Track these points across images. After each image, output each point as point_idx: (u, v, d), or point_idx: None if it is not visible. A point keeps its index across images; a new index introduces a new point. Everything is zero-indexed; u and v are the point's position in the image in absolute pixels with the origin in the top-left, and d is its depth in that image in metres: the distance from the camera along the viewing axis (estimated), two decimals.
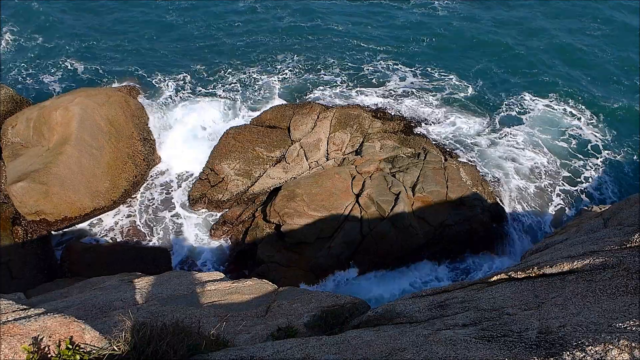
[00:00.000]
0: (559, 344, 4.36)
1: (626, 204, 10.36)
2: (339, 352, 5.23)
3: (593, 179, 28.13)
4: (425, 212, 22.91)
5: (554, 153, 29.48)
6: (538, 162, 28.90)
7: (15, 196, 22.81)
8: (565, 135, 30.90)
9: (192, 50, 38.51)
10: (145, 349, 4.85)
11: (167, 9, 44.12)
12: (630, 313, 4.77)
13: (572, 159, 29.24)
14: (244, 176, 26.49)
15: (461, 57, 38.41)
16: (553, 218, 25.94)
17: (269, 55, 37.89)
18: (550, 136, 30.72)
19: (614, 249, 6.81)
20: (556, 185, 27.62)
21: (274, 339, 7.72)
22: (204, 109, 32.05)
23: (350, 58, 37.77)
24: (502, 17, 44.72)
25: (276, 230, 23.08)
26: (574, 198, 26.98)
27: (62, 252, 22.83)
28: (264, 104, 32.57)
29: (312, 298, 10.44)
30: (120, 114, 27.79)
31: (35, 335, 4.65)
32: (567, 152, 29.65)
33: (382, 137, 27.53)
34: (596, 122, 31.96)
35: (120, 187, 25.85)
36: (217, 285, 10.96)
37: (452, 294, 7.63)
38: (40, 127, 25.27)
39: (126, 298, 10.08)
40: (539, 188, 27.39)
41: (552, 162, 28.93)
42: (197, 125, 30.89)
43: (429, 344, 5.00)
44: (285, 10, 44.56)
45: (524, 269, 7.18)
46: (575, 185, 27.70)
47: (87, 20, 42.34)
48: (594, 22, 43.63)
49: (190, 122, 31.01)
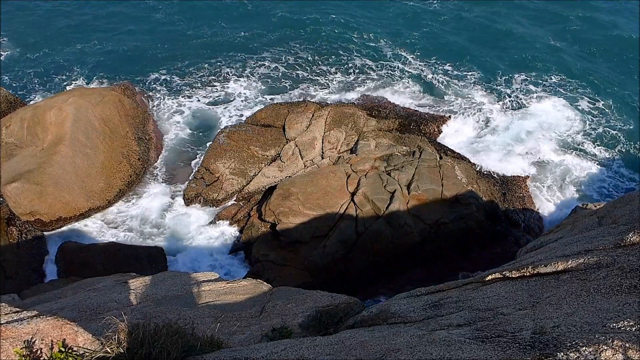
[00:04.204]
0: (553, 345, 4.36)
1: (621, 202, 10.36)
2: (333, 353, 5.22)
3: (588, 176, 28.19)
4: (420, 211, 22.92)
5: (550, 149, 29.53)
6: (534, 159, 28.96)
7: (9, 196, 22.73)
8: (562, 132, 30.96)
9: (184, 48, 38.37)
10: (139, 351, 4.82)
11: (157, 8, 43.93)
12: (624, 313, 4.77)
13: (567, 155, 29.30)
14: (239, 175, 26.45)
15: (458, 52, 38.39)
16: (548, 215, 26.00)
17: (265, 52, 37.78)
18: (546, 132, 30.77)
19: (608, 248, 6.82)
20: (551, 182, 27.68)
21: (269, 339, 7.70)
22: (201, 107, 32.00)
23: (344, 54, 37.68)
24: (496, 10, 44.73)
25: (271, 229, 23.06)
26: (568, 195, 27.05)
27: (57, 252, 22.72)
28: (259, 102, 32.50)
29: (307, 298, 10.43)
30: (114, 113, 27.70)
31: (28, 338, 4.62)
32: (563, 149, 29.73)
33: (377, 136, 27.53)
34: (593, 120, 32.04)
35: (115, 186, 25.76)
36: (212, 286, 10.94)
37: (447, 293, 7.63)
38: (34, 127, 25.16)
39: (121, 299, 10.04)
40: (534, 185, 27.45)
41: (547, 158, 29.00)
42: (192, 124, 30.85)
43: (423, 344, 4.99)
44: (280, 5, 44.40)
45: (519, 268, 7.17)
46: (570, 182, 27.76)
47: (81, 20, 42.16)
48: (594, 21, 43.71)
49: (185, 120, 30.96)
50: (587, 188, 27.47)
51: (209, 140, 29.32)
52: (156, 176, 27.60)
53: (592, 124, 31.61)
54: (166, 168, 28.14)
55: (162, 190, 26.78)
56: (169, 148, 29.31)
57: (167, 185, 27.08)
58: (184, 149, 29.27)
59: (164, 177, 27.57)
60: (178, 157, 28.82)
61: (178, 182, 27.23)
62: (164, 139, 29.80)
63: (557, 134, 30.78)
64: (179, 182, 27.22)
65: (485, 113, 32.18)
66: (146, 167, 27.79)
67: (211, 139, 29.19)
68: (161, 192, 26.68)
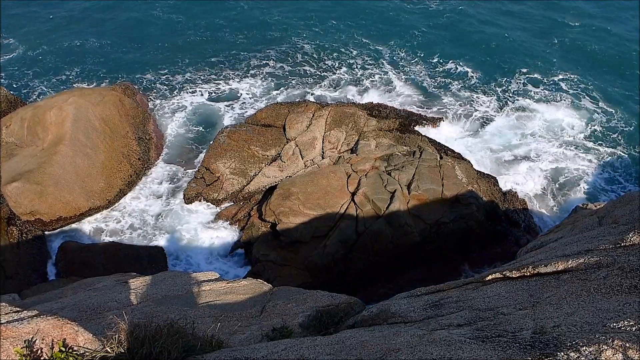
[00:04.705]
0: (553, 345, 4.36)
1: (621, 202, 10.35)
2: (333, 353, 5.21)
3: (588, 175, 28.17)
4: (420, 210, 22.90)
5: (550, 149, 29.52)
6: (534, 158, 28.95)
7: (9, 196, 22.72)
8: (562, 132, 30.94)
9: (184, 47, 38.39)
10: (139, 351, 4.82)
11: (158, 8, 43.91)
12: (624, 313, 4.77)
13: (567, 155, 29.28)
14: (239, 175, 26.44)
15: (456, 51, 38.40)
16: (548, 215, 25.98)
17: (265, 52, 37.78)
18: (546, 132, 30.77)
19: (608, 248, 6.82)
20: (551, 182, 27.66)
21: (269, 339, 7.70)
22: (201, 107, 32.01)
23: (343, 54, 37.70)
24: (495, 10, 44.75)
25: (272, 229, 23.05)
26: (569, 195, 27.03)
27: (57, 252, 22.74)
28: (259, 102, 32.50)
29: (307, 298, 10.42)
30: (114, 113, 27.70)
31: (28, 337, 4.62)
32: (563, 149, 29.69)
33: (378, 136, 27.53)
34: (593, 120, 32.02)
35: (115, 186, 25.76)
36: (212, 286, 10.93)
37: (447, 293, 7.62)
38: (34, 127, 25.16)
39: (121, 299, 10.04)
40: (534, 185, 27.44)
41: (547, 158, 28.98)
42: (193, 123, 30.84)
43: (424, 344, 4.99)
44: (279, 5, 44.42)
45: (519, 268, 7.17)
46: (570, 182, 27.75)
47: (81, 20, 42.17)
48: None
49: (185, 119, 30.96)
50: (587, 188, 27.45)
51: (209, 140, 29.32)
52: (156, 176, 27.59)
53: (592, 124, 31.58)
54: (166, 168, 28.13)
55: (163, 190, 26.79)
56: (169, 148, 29.32)
57: (168, 185, 27.08)
58: (184, 149, 29.27)
59: (164, 177, 27.57)
60: (178, 157, 28.83)
61: (178, 182, 27.23)
62: (164, 139, 29.81)
63: (557, 134, 30.77)
64: (179, 182, 27.22)
65: (485, 113, 32.18)
66: (146, 166, 27.80)
67: (211, 138, 29.19)
68: (161, 192, 26.69)
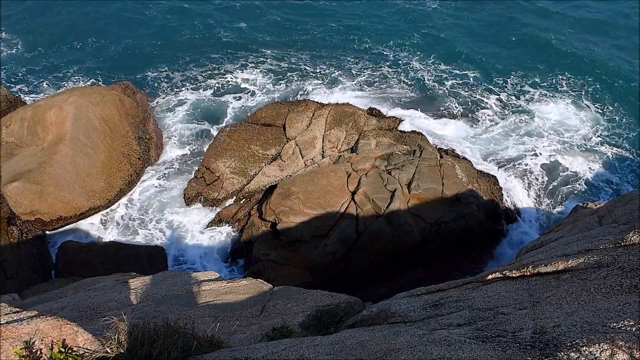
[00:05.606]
0: (553, 345, 4.35)
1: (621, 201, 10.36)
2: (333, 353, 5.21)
3: (588, 175, 28.16)
4: (420, 210, 22.89)
5: (550, 149, 29.50)
6: (534, 157, 28.93)
7: (10, 196, 22.70)
8: (562, 132, 30.93)
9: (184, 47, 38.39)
10: (139, 351, 4.82)
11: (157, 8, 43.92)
12: (624, 313, 4.77)
13: (567, 155, 29.26)
14: (239, 174, 26.44)
15: (458, 52, 38.40)
16: (548, 214, 25.97)
17: (265, 51, 37.79)
18: (546, 132, 30.75)
19: (608, 248, 6.81)
20: (551, 181, 27.65)
21: (269, 339, 7.69)
22: (201, 106, 31.99)
23: (344, 54, 37.71)
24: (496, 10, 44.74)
25: (272, 229, 23.05)
26: (569, 194, 27.01)
27: (57, 252, 22.73)
28: (259, 101, 32.50)
29: (307, 297, 10.42)
30: (114, 112, 27.69)
31: (28, 338, 4.61)
32: (563, 149, 29.68)
33: (378, 135, 27.52)
34: (593, 118, 32.02)
35: (115, 186, 25.76)
36: (212, 285, 10.93)
37: (447, 292, 7.62)
38: (34, 127, 25.15)
39: (121, 299, 10.04)
40: (535, 184, 27.42)
41: (547, 158, 28.96)
42: (193, 123, 30.83)
43: (424, 344, 4.98)
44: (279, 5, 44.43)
45: (519, 267, 7.16)
46: (570, 181, 27.73)
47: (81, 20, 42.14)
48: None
49: (185, 119, 30.94)
50: (587, 187, 27.44)
51: (209, 139, 29.32)
52: (156, 175, 27.59)
53: (593, 124, 31.58)
54: (166, 167, 28.13)
55: (163, 190, 26.78)
56: (169, 147, 29.31)
57: (168, 185, 27.07)
58: (184, 148, 29.26)
59: (165, 177, 27.56)
60: (178, 156, 28.82)
61: (178, 182, 27.22)
62: (164, 138, 29.80)
63: (558, 134, 30.76)
64: (179, 182, 27.21)
65: (485, 113, 32.17)
66: (146, 166, 27.80)
67: (211, 138, 29.19)
68: (161, 192, 26.68)
